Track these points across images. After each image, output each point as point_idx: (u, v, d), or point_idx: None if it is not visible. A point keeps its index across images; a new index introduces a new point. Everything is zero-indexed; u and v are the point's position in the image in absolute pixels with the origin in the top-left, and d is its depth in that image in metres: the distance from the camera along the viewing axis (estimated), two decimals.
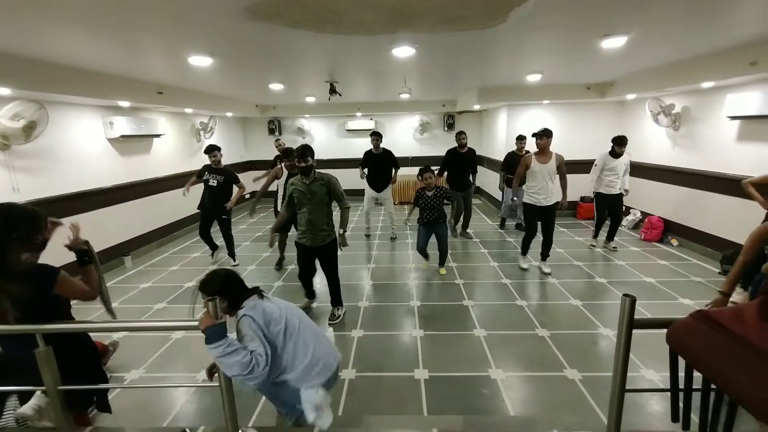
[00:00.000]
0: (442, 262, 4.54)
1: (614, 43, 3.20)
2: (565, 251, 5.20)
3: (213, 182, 4.72)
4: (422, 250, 4.45)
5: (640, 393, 2.39)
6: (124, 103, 4.83)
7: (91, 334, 1.98)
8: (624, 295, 1.36)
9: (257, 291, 1.86)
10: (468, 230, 6.01)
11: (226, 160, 8.14)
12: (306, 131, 9.21)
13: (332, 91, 5.23)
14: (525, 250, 4.55)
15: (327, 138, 9.41)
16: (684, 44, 3.50)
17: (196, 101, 5.98)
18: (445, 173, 5.70)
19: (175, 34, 2.77)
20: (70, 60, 3.43)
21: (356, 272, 4.69)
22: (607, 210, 5.10)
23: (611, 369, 1.45)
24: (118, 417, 2.22)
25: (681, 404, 1.28)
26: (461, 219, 5.93)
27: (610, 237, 5.23)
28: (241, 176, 8.67)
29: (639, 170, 6.25)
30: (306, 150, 3.07)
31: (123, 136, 5.01)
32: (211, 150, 4.69)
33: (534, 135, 4.26)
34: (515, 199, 4.47)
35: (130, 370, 2.83)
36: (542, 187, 4.18)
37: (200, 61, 3.52)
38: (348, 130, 9.14)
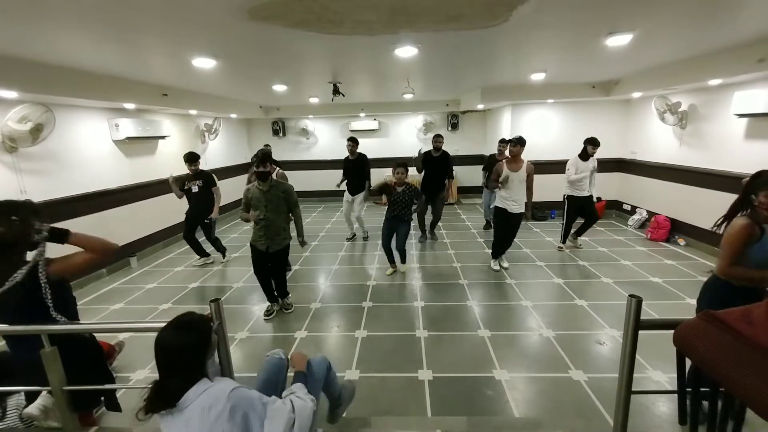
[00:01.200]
0: (402, 259, 4.58)
1: (619, 40, 3.16)
2: (569, 251, 5.16)
3: (195, 188, 4.81)
4: (386, 246, 4.50)
5: (646, 395, 2.37)
6: (130, 105, 4.87)
7: (96, 334, 1.99)
8: (630, 295, 1.35)
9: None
10: (435, 231, 5.97)
11: (230, 161, 8.29)
12: (310, 132, 9.24)
13: (335, 91, 5.23)
14: (496, 253, 4.57)
15: (331, 139, 9.44)
16: (690, 41, 3.45)
17: (201, 103, 6.02)
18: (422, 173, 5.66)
19: (178, 36, 2.78)
20: (75, 63, 3.46)
21: (359, 273, 4.68)
22: (580, 211, 5.09)
23: (617, 370, 1.44)
24: (123, 417, 2.23)
25: (689, 406, 1.27)
26: (427, 221, 5.91)
27: (580, 233, 5.23)
28: (245, 177, 8.84)
29: (645, 169, 6.19)
30: (266, 156, 3.20)
31: (128, 138, 5.05)
32: (195, 159, 4.73)
33: (508, 141, 4.28)
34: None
35: (135, 370, 2.84)
36: (513, 194, 4.20)
37: (204, 62, 3.54)
38: (352, 131, 9.16)
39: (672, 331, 1.16)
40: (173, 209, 6.17)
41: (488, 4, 2.27)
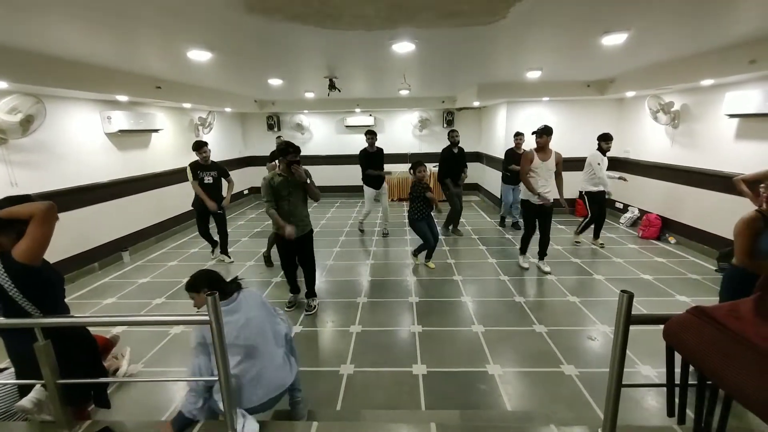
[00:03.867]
0: (416, 253, 4.71)
1: (614, 40, 3.19)
2: (562, 248, 5.21)
3: (209, 179, 4.72)
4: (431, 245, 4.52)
5: (636, 388, 2.42)
6: (122, 98, 4.80)
7: (91, 328, 1.98)
8: (622, 291, 1.37)
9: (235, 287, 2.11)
10: (458, 228, 6.02)
11: (224, 156, 8.21)
12: (305, 127, 9.18)
13: (331, 86, 5.20)
14: (524, 248, 4.52)
15: (326, 134, 9.39)
16: (684, 42, 3.49)
17: (195, 96, 5.95)
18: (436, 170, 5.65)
19: (173, 27, 2.75)
20: (68, 53, 3.40)
21: (354, 268, 4.69)
22: (600, 206, 5.10)
23: (608, 365, 1.46)
24: (117, 411, 2.23)
25: (677, 399, 1.30)
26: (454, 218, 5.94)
27: (597, 234, 5.29)
28: (240, 172, 8.79)
29: (637, 168, 6.26)
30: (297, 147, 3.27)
31: (121, 131, 4.99)
32: (202, 146, 4.65)
33: (534, 133, 4.22)
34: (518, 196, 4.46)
35: (129, 364, 2.83)
36: (542, 185, 4.14)
37: (199, 55, 3.50)
38: (347, 126, 9.13)
39: (662, 327, 1.19)
40: (166, 204, 6.13)
41: (487, 0, 2.28)
